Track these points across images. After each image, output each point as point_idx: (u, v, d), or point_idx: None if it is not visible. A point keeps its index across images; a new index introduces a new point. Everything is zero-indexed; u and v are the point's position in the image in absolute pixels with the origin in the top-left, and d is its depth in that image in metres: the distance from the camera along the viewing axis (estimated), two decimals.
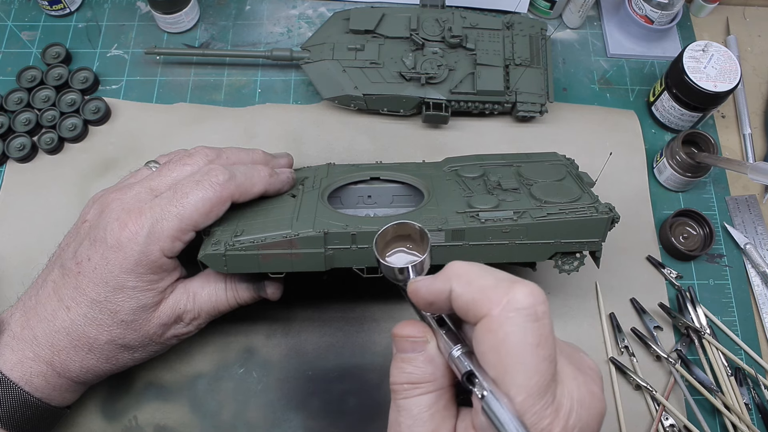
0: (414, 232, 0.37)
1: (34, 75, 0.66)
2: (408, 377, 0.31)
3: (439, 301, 0.31)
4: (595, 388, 0.30)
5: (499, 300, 0.28)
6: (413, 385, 0.31)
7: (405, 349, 0.32)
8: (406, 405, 0.31)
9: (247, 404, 0.53)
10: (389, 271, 0.35)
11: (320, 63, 0.63)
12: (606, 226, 0.46)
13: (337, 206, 0.54)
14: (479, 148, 0.60)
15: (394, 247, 0.38)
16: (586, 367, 0.31)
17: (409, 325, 0.32)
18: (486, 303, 0.28)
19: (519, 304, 0.27)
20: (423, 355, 0.31)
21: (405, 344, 0.32)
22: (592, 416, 0.29)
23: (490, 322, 0.28)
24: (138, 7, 0.73)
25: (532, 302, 0.28)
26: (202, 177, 0.45)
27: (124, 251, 0.42)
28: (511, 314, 0.27)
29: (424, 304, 0.32)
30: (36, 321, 0.43)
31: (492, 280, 0.29)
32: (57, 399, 0.44)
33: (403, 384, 0.31)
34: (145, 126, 0.65)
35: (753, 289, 0.61)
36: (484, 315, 0.28)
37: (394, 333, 0.32)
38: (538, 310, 0.28)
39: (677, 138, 0.62)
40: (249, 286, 0.49)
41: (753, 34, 0.75)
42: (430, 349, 0.32)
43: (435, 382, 0.31)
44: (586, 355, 0.33)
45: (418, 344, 0.32)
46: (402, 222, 0.37)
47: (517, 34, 0.65)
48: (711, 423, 0.54)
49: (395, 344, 0.32)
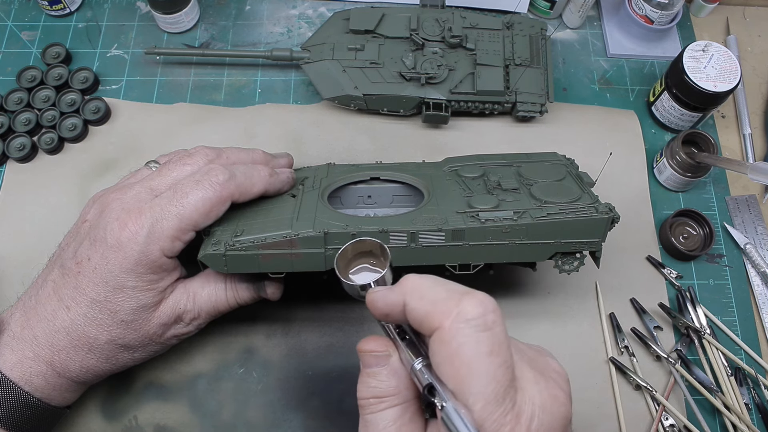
0: (375, 247, 0.38)
1: (34, 75, 0.66)
2: (373, 391, 0.32)
3: (394, 312, 0.32)
4: (559, 393, 0.30)
5: (449, 312, 0.29)
6: (378, 399, 0.32)
7: (369, 363, 0.33)
8: (373, 420, 0.32)
9: (247, 404, 0.53)
10: (351, 289, 0.36)
11: (320, 63, 0.63)
12: (606, 226, 0.46)
13: (337, 206, 0.54)
14: (479, 148, 0.60)
15: (356, 264, 0.39)
16: (551, 371, 0.31)
17: (372, 340, 0.33)
18: (438, 316, 0.29)
19: (468, 314, 0.28)
20: (386, 369, 0.32)
21: (369, 359, 0.33)
22: (555, 420, 0.29)
23: (443, 333, 0.28)
24: (138, 7, 0.73)
25: (482, 312, 0.28)
26: (202, 177, 0.45)
27: (124, 251, 0.42)
28: (461, 325, 0.28)
29: (381, 314, 0.33)
30: (36, 321, 0.43)
31: (443, 293, 0.30)
32: (57, 399, 0.44)
33: (369, 399, 0.32)
34: (145, 126, 0.65)
35: (753, 289, 0.61)
36: (437, 327, 0.29)
37: (358, 348, 0.33)
38: (488, 319, 0.28)
39: (677, 138, 0.62)
40: (249, 286, 0.49)
41: (753, 34, 0.75)
42: (393, 363, 0.32)
43: (399, 395, 0.32)
44: (553, 359, 0.33)
45: (381, 358, 0.32)
46: (361, 239, 0.38)
47: (517, 34, 0.65)
48: (711, 423, 0.54)
49: (360, 359, 0.33)
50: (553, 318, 0.58)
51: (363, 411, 0.32)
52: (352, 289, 0.36)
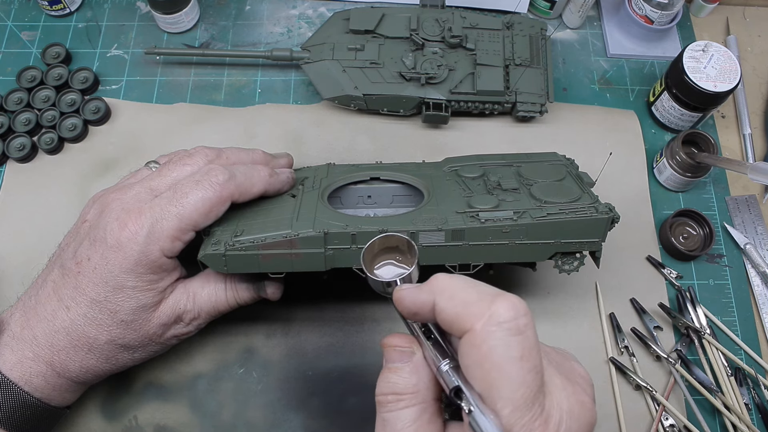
0: (401, 243, 0.37)
1: (34, 75, 0.66)
2: (392, 387, 0.31)
3: (423, 312, 0.31)
4: (585, 398, 0.30)
5: (481, 314, 0.28)
6: (397, 396, 0.31)
7: (392, 359, 0.32)
8: (390, 418, 0.31)
9: (247, 404, 0.53)
10: (377, 285, 0.35)
11: (320, 63, 0.63)
12: (606, 226, 0.46)
13: (337, 206, 0.54)
14: (479, 148, 0.60)
15: (382, 260, 0.38)
16: (577, 376, 0.31)
17: (397, 336, 0.33)
18: (469, 318, 0.28)
19: (501, 318, 0.28)
20: (409, 366, 0.32)
21: (393, 354, 0.32)
22: (581, 426, 0.29)
23: (473, 337, 0.28)
24: (138, 7, 0.73)
25: (514, 315, 0.28)
26: (202, 177, 0.45)
27: (123, 251, 0.42)
28: (493, 328, 0.28)
29: (409, 313, 0.32)
30: (36, 321, 0.43)
31: (474, 294, 0.29)
32: (57, 399, 0.44)
33: (387, 395, 0.31)
34: (145, 126, 0.65)
35: (753, 289, 0.61)
36: (468, 330, 0.28)
37: (382, 343, 0.33)
38: (520, 323, 0.28)
39: (677, 138, 0.62)
40: (249, 286, 0.49)
41: (753, 34, 0.75)
42: (416, 360, 0.32)
43: (418, 394, 0.31)
44: (578, 363, 0.33)
45: (405, 354, 0.32)
46: (389, 234, 0.37)
47: (517, 34, 0.65)
48: (711, 423, 0.54)
49: (384, 354, 0.33)
50: (553, 318, 0.58)
51: (381, 408, 0.32)
52: (377, 285, 0.35)
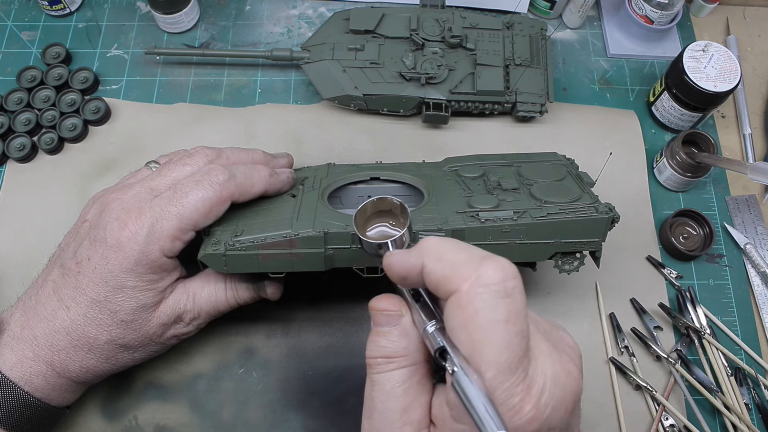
0: (394, 207, 0.37)
1: (34, 75, 0.66)
2: (382, 351, 0.31)
3: (412, 275, 0.31)
4: (572, 367, 0.29)
5: (468, 275, 0.28)
6: (387, 359, 0.31)
7: (380, 322, 0.32)
8: (380, 379, 0.31)
9: (247, 404, 0.53)
10: (369, 247, 0.35)
11: (320, 63, 0.63)
12: (606, 226, 0.46)
13: (337, 206, 0.54)
14: (479, 148, 0.60)
15: (374, 223, 0.38)
16: (565, 345, 0.31)
17: (384, 298, 0.33)
18: (456, 278, 0.28)
19: (488, 279, 0.27)
20: (397, 329, 0.32)
21: (380, 317, 0.32)
22: (566, 394, 0.28)
23: (460, 297, 0.28)
24: (138, 7, 0.73)
25: (502, 277, 0.27)
26: (202, 177, 0.45)
27: (123, 251, 0.42)
28: (480, 290, 0.27)
29: (398, 278, 0.32)
30: (36, 321, 0.43)
31: (463, 256, 0.29)
32: (57, 399, 0.44)
33: (377, 358, 0.31)
34: (145, 126, 0.65)
35: (753, 289, 0.61)
36: (454, 290, 0.28)
37: (370, 306, 0.33)
38: (508, 285, 0.27)
39: (677, 138, 0.62)
40: (249, 286, 0.49)
41: (753, 34, 0.75)
42: (404, 323, 0.32)
43: (409, 357, 0.31)
44: (567, 334, 0.32)
45: (392, 318, 0.32)
46: (381, 197, 0.37)
47: (517, 34, 0.65)
48: (711, 423, 0.54)
49: (372, 318, 0.33)
50: (553, 318, 0.56)
51: (371, 370, 0.32)
52: (370, 247, 0.35)
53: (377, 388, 0.31)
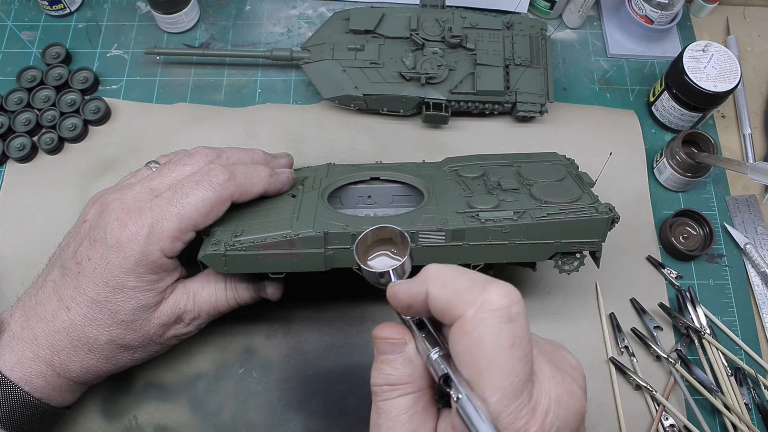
0: (394, 235, 0.37)
1: (34, 75, 0.66)
2: (387, 378, 0.32)
3: (416, 304, 0.31)
4: (575, 387, 0.30)
5: (473, 301, 0.28)
6: (392, 386, 0.31)
7: (384, 350, 0.32)
8: (385, 407, 0.31)
9: (247, 404, 0.53)
10: (371, 276, 0.36)
11: (320, 63, 0.63)
12: (606, 227, 0.46)
13: (337, 206, 0.54)
14: (479, 148, 0.60)
15: (375, 251, 0.38)
16: (567, 366, 0.31)
17: (388, 326, 0.33)
18: (460, 304, 0.28)
19: (493, 305, 0.28)
20: (401, 357, 0.32)
21: (384, 346, 0.32)
22: (570, 415, 0.28)
23: (464, 323, 0.28)
24: (138, 7, 0.73)
25: (507, 303, 0.28)
26: (202, 177, 0.45)
27: (124, 251, 0.42)
28: (484, 315, 0.27)
29: (403, 307, 0.32)
30: (36, 321, 0.43)
31: (466, 282, 0.29)
32: (57, 399, 0.44)
33: (383, 386, 0.32)
34: (145, 126, 0.65)
35: (753, 289, 0.61)
36: (459, 316, 0.28)
37: (374, 335, 0.33)
38: (512, 310, 0.28)
39: (677, 138, 0.62)
40: (249, 286, 0.49)
41: (753, 34, 0.75)
42: (408, 351, 0.32)
43: (413, 384, 0.31)
44: (569, 353, 0.33)
45: (396, 346, 0.32)
46: (381, 226, 0.37)
47: (517, 34, 0.65)
48: (711, 423, 0.54)
49: (375, 346, 0.33)
50: (553, 318, 0.58)
51: (376, 398, 0.32)
52: (371, 276, 0.36)
53: (383, 416, 0.31)
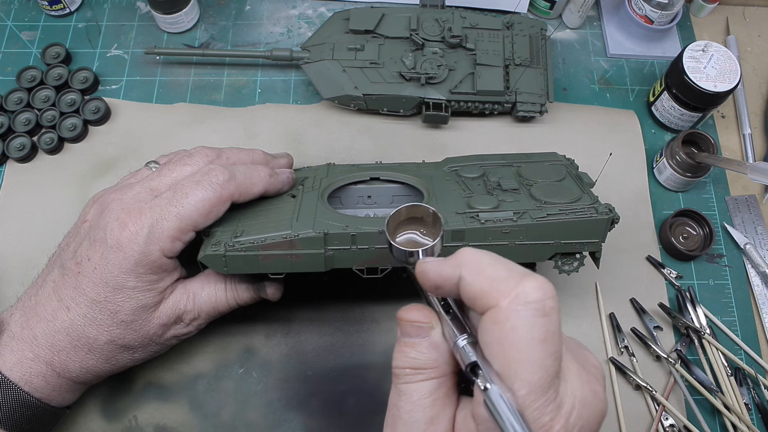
0: (427, 215, 0.36)
1: (34, 75, 0.66)
2: (411, 362, 0.31)
3: (447, 285, 0.30)
4: (598, 388, 0.29)
5: (508, 292, 0.27)
6: (415, 370, 0.31)
7: (409, 333, 0.32)
8: (407, 390, 0.31)
9: (247, 404, 0.53)
10: (400, 254, 0.35)
11: (320, 63, 0.63)
12: (606, 227, 0.46)
13: (337, 206, 0.54)
14: (479, 148, 0.60)
15: (405, 230, 0.37)
16: (590, 366, 0.31)
17: (414, 309, 0.32)
18: (495, 294, 0.28)
19: (528, 297, 0.27)
20: (427, 341, 0.31)
21: (410, 329, 0.32)
22: (593, 415, 0.28)
23: (498, 313, 0.27)
24: (138, 7, 0.73)
25: (542, 296, 0.27)
26: (202, 177, 0.45)
27: (124, 251, 0.42)
28: (519, 307, 0.27)
29: (431, 286, 0.31)
30: (36, 321, 0.43)
31: (503, 271, 0.29)
32: (56, 399, 0.44)
33: (405, 369, 0.31)
34: (145, 126, 0.65)
35: (753, 289, 0.61)
36: (492, 306, 0.28)
37: (399, 317, 0.32)
38: (547, 304, 0.27)
39: (677, 138, 0.62)
40: (249, 286, 0.49)
41: (753, 34, 0.75)
42: (434, 336, 0.31)
43: (437, 369, 0.31)
44: (591, 353, 0.32)
45: (423, 330, 0.31)
46: (415, 204, 0.36)
47: (517, 34, 0.65)
48: (711, 423, 0.54)
49: (400, 328, 0.32)
50: None
51: (397, 380, 0.31)
52: (400, 254, 0.35)
53: (404, 398, 0.31)
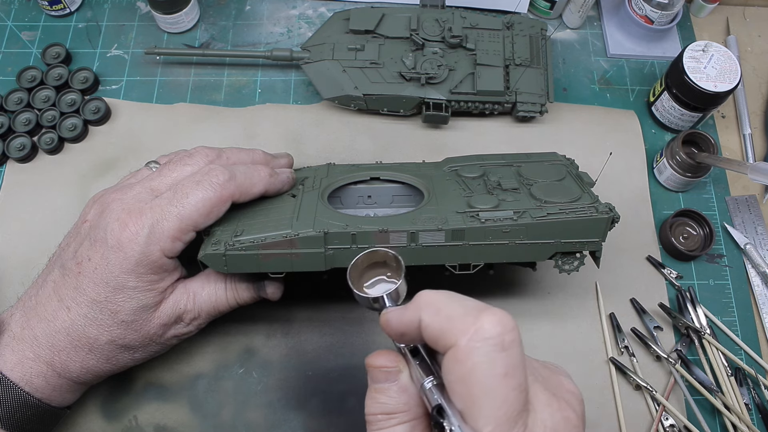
0: (389, 258, 0.37)
1: (34, 75, 0.66)
2: (382, 407, 0.31)
3: (410, 331, 0.31)
4: (571, 414, 0.29)
5: (466, 329, 0.27)
6: (388, 415, 0.31)
7: (378, 379, 0.32)
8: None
9: (247, 404, 0.53)
10: (363, 301, 0.35)
11: (320, 63, 0.63)
12: (606, 226, 0.46)
13: (337, 206, 0.54)
14: (479, 148, 0.60)
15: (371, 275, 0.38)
16: (564, 391, 0.31)
17: (382, 355, 0.32)
18: (453, 332, 0.28)
19: (486, 333, 0.27)
20: (396, 385, 0.31)
21: (378, 374, 0.32)
22: None
23: (457, 352, 0.27)
24: (138, 7, 0.73)
25: (500, 331, 0.27)
26: (203, 177, 0.45)
27: (124, 251, 0.42)
28: (478, 344, 0.27)
29: (396, 335, 0.32)
30: (36, 321, 0.43)
31: (460, 309, 0.29)
32: (57, 399, 0.44)
33: (377, 415, 0.31)
34: (145, 126, 0.65)
35: (753, 289, 0.61)
36: (452, 345, 0.28)
37: (367, 363, 0.32)
38: (506, 339, 0.27)
39: (677, 138, 0.62)
40: (249, 286, 0.49)
41: (753, 34, 0.75)
42: (403, 379, 0.31)
43: (409, 412, 0.31)
44: (567, 378, 0.32)
45: (391, 374, 0.32)
46: (374, 249, 0.37)
47: (517, 34, 0.65)
48: (711, 423, 0.54)
49: (369, 375, 0.32)
50: (553, 318, 0.58)
51: (371, 426, 0.31)
52: (364, 301, 0.35)
53: None
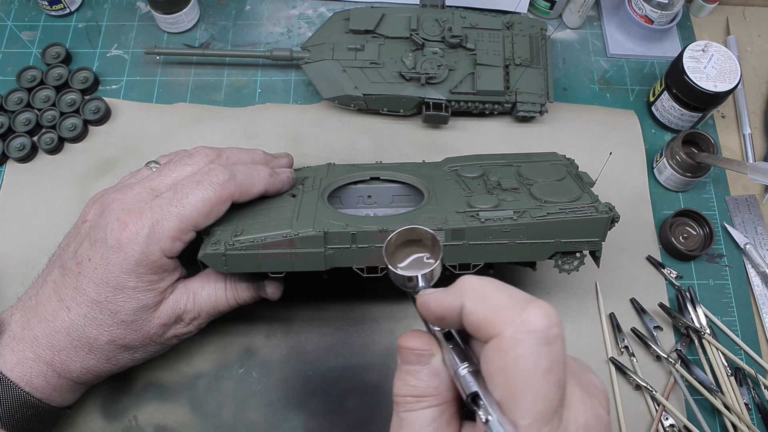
0: (425, 237, 0.35)
1: (34, 75, 0.66)
2: (411, 390, 0.30)
3: (450, 316, 0.30)
4: (602, 412, 0.29)
5: (512, 320, 0.27)
6: (416, 398, 0.30)
7: (410, 361, 0.31)
8: (409, 418, 0.30)
9: (247, 404, 0.53)
10: (398, 279, 0.34)
11: (320, 63, 0.63)
12: (606, 226, 0.46)
13: (337, 206, 0.54)
14: (479, 148, 0.60)
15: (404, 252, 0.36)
16: (594, 388, 0.30)
17: (414, 336, 0.31)
18: (498, 322, 0.27)
19: (532, 326, 0.26)
20: (428, 369, 0.31)
21: (410, 356, 0.31)
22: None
23: (501, 342, 0.27)
24: (138, 7, 0.73)
25: (546, 325, 0.27)
26: (203, 177, 0.45)
27: (124, 251, 0.42)
28: (523, 336, 0.26)
29: (435, 318, 0.31)
30: (36, 321, 0.43)
31: (506, 299, 0.28)
32: (57, 399, 0.44)
33: (406, 397, 0.30)
34: (145, 126, 0.65)
35: (753, 289, 0.61)
36: (496, 335, 0.27)
37: (399, 344, 0.32)
38: (551, 333, 0.27)
39: (677, 138, 0.62)
40: (249, 285, 0.49)
41: (753, 34, 0.75)
42: (435, 363, 0.31)
43: (439, 396, 0.30)
44: (595, 375, 0.32)
45: (423, 357, 0.31)
46: (413, 227, 0.35)
47: (517, 34, 0.65)
48: (711, 423, 0.54)
49: (400, 355, 0.32)
50: None
51: (398, 408, 0.31)
52: (398, 279, 0.34)
53: (406, 427, 0.30)
